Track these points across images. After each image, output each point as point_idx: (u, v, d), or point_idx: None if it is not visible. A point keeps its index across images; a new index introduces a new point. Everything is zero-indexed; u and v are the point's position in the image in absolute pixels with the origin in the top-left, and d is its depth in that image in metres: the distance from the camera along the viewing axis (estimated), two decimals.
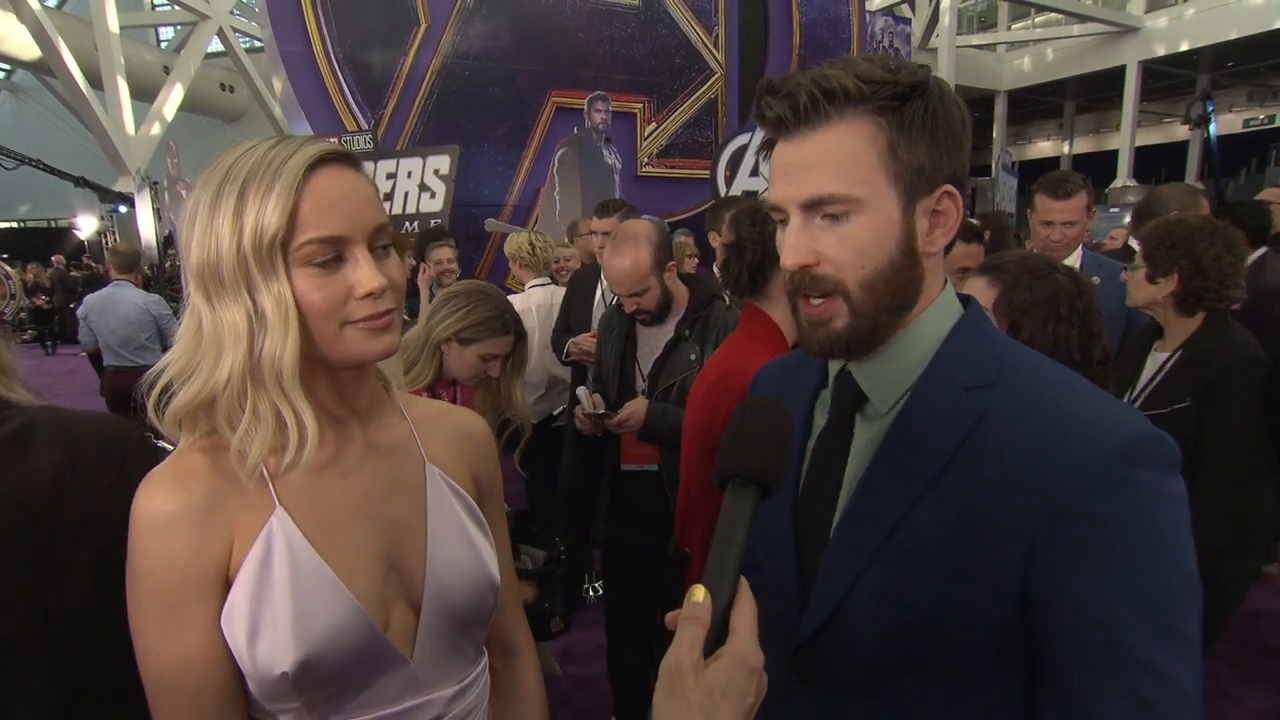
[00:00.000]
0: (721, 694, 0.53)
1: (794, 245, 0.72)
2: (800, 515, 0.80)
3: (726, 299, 2.43)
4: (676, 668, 0.55)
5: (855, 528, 0.74)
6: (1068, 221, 2.57)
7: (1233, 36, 15.94)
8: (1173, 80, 19.60)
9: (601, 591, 3.37)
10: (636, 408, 2.15)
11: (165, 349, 0.78)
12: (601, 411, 2.21)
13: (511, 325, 1.78)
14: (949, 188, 0.72)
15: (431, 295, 3.80)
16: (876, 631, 0.72)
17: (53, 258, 15.66)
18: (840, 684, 0.76)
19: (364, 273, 0.74)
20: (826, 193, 0.69)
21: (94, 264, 15.48)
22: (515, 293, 4.15)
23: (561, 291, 3.50)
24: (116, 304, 4.30)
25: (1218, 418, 1.83)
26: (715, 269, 3.49)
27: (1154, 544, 0.62)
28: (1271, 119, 21.37)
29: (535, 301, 3.45)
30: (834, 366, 0.82)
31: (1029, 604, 0.65)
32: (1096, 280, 2.39)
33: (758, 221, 1.63)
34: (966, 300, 0.79)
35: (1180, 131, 19.49)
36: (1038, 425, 0.66)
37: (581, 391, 2.27)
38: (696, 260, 4.47)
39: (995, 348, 0.74)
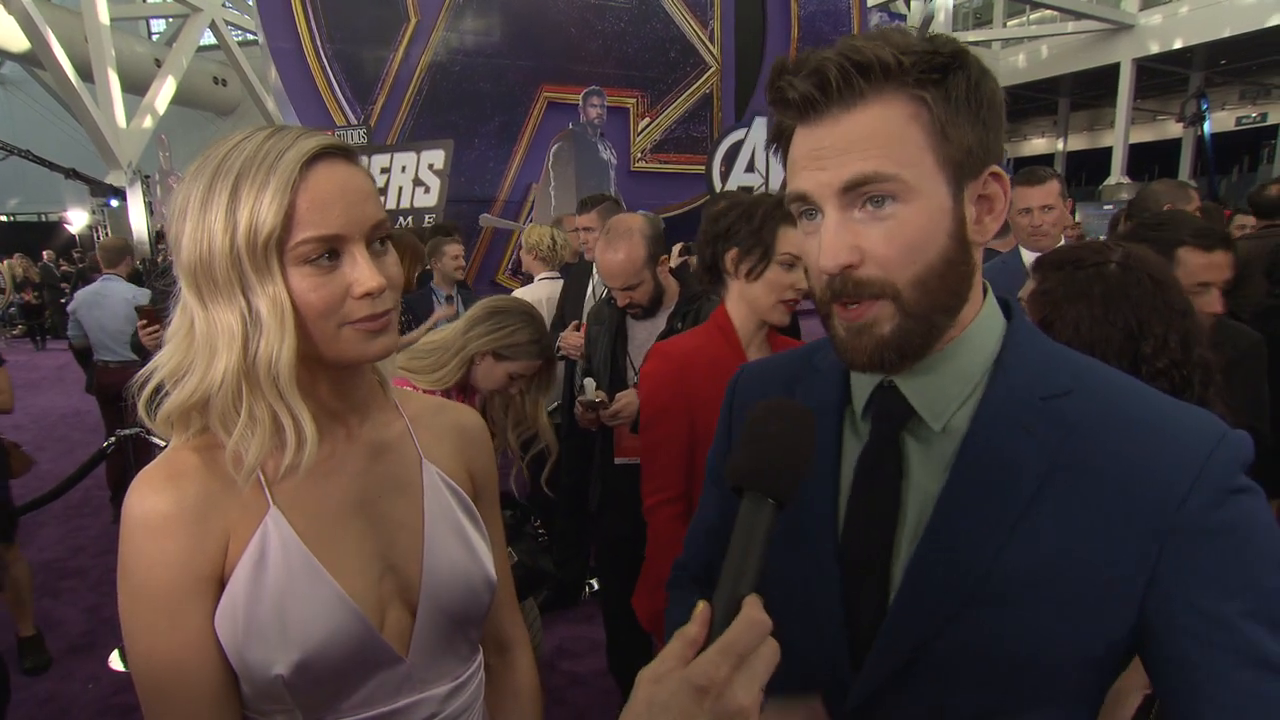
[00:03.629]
0: (661, 708, 0.49)
1: (833, 244, 0.62)
2: (846, 551, 0.70)
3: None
4: (639, 677, 0.53)
5: (939, 566, 0.64)
6: (1045, 206, 2.68)
7: (1226, 34, 15.99)
8: (1166, 78, 19.65)
9: (597, 588, 3.37)
10: (630, 399, 2.16)
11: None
12: (599, 400, 2.23)
13: (545, 351, 1.84)
14: (996, 169, 0.64)
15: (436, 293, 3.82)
16: (962, 681, 0.64)
17: (43, 252, 15.53)
18: None
19: (362, 272, 0.72)
20: (871, 170, 0.60)
21: (82, 257, 15.35)
22: (507, 289, 4.12)
23: None
24: (105, 299, 4.26)
25: (1249, 389, 1.95)
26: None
27: (1272, 547, 0.58)
28: (1264, 117, 21.46)
29: (544, 295, 3.43)
30: (863, 380, 0.72)
31: (1145, 629, 0.60)
32: None
33: (715, 220, 1.65)
34: (1007, 306, 0.72)
35: (1174, 129, 19.53)
36: (1136, 437, 0.61)
37: (589, 382, 2.29)
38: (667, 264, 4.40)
39: (1056, 352, 0.68)
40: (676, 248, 4.31)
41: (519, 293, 3.66)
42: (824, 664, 0.70)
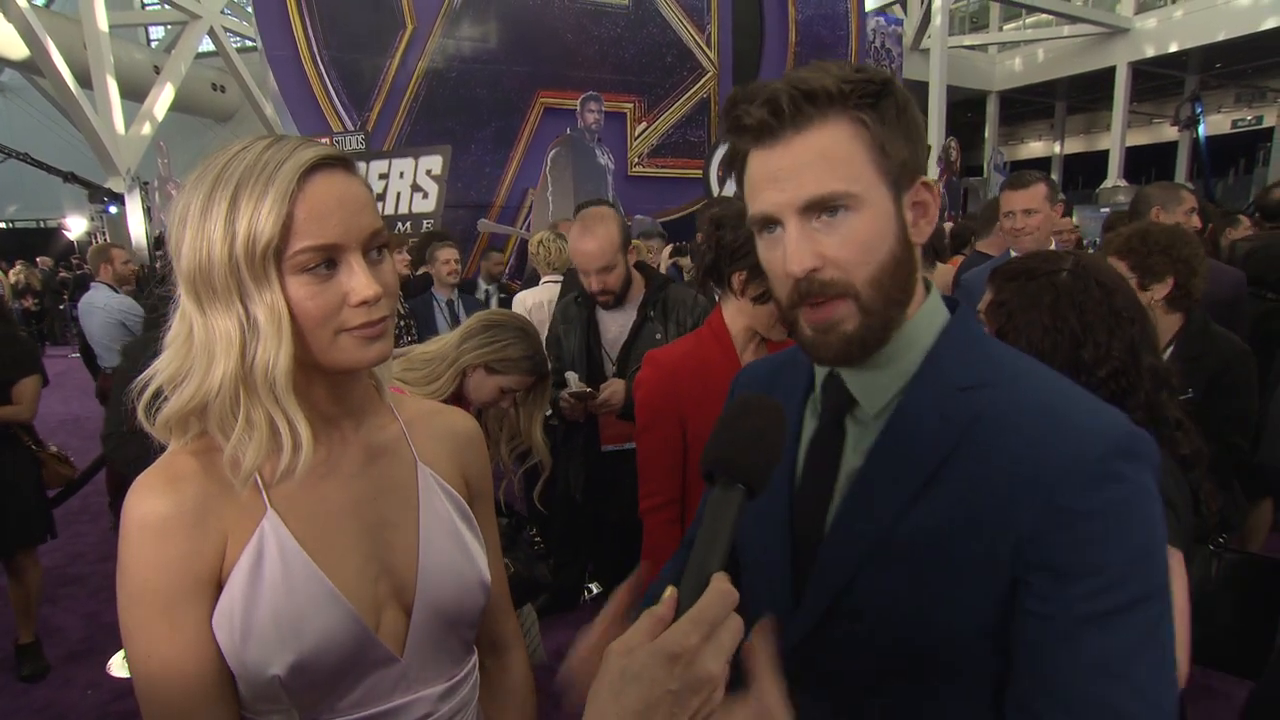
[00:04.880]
0: (633, 678, 0.51)
1: (797, 251, 0.69)
2: (796, 519, 0.79)
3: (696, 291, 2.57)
4: (608, 650, 0.54)
5: (851, 525, 0.73)
6: (1027, 209, 2.73)
7: (1221, 38, 16.06)
8: (1162, 81, 19.73)
9: (598, 590, 3.38)
10: (616, 387, 2.28)
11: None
12: (587, 390, 2.32)
13: (539, 368, 1.84)
14: (925, 179, 0.74)
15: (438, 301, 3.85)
16: (869, 631, 0.72)
17: (37, 259, 15.52)
18: (831, 687, 0.76)
19: (359, 281, 0.73)
20: (827, 191, 0.68)
21: (80, 264, 15.35)
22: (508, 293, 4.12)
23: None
24: (92, 307, 4.28)
25: (1232, 403, 1.99)
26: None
27: (1132, 538, 0.62)
28: (1259, 120, 21.53)
29: (545, 297, 3.44)
30: (820, 371, 0.81)
31: (1010, 607, 0.65)
32: None
33: (720, 226, 1.63)
34: (953, 304, 0.79)
35: (1170, 132, 19.59)
36: (1031, 426, 0.66)
37: (570, 375, 2.38)
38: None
39: (986, 349, 0.75)
40: (666, 250, 4.33)
41: (522, 294, 3.67)
42: (773, 613, 0.77)
